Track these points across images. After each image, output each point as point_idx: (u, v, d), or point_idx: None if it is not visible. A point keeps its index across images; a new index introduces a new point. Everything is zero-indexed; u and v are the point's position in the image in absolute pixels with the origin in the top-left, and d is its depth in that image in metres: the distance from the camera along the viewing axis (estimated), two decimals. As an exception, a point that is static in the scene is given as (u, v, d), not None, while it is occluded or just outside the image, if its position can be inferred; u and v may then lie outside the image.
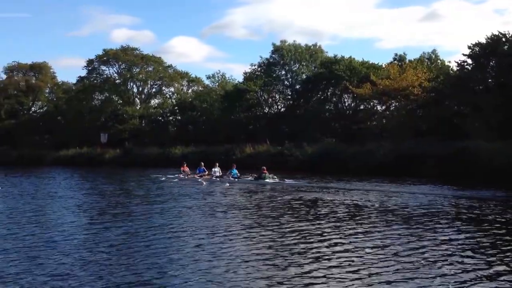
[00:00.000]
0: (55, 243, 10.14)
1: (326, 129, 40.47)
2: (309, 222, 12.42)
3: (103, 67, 62.03)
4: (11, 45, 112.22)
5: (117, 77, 61.75)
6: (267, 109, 49.58)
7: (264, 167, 24.96)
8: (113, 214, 14.14)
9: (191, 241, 10.24)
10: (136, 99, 62.11)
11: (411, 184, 22.53)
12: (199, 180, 25.75)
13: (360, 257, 8.68)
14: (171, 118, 58.00)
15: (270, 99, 49.74)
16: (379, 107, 40.78)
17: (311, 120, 41.61)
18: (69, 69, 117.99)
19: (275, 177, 24.23)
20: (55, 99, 69.21)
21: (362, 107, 42.22)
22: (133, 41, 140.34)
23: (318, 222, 12.47)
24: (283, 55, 47.48)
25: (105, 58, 60.78)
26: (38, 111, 71.14)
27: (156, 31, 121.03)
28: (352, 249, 9.28)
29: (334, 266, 8.07)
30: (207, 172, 27.66)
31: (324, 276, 7.51)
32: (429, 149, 27.89)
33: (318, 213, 14.08)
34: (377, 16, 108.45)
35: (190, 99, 56.98)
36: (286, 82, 49.00)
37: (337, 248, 9.38)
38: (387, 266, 7.97)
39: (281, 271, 7.88)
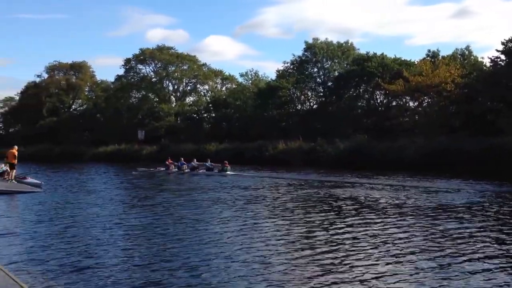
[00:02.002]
0: (94, 230, 11.02)
1: (358, 126, 40.62)
2: (342, 219, 12.84)
3: (140, 66, 63.90)
4: (53, 45, 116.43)
5: (153, 76, 63.38)
6: (299, 106, 50.13)
7: (226, 161, 29.25)
8: (142, 206, 15.17)
9: (218, 230, 10.85)
10: (172, 97, 63.59)
11: (445, 180, 22.51)
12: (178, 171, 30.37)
13: (390, 251, 8.82)
14: (205, 115, 58.98)
15: (302, 96, 50.23)
16: (411, 104, 40.62)
17: (343, 117, 41.89)
18: (107, 68, 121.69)
19: (231, 171, 28.35)
20: (94, 97, 71.40)
21: (394, 103, 42.13)
22: (168, 41, 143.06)
23: (351, 218, 12.79)
24: (316, 52, 47.89)
25: (141, 57, 62.52)
26: (78, 109, 73.61)
27: (191, 31, 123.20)
28: (384, 244, 9.44)
29: (372, 264, 8.05)
30: (185, 165, 31.08)
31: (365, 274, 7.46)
32: (461, 146, 27.83)
33: (352, 209, 14.29)
34: (408, 14, 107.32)
35: (224, 97, 57.93)
36: (318, 79, 49.39)
37: (374, 245, 9.48)
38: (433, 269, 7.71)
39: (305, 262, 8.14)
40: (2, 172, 23.99)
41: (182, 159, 31.86)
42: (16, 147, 23.04)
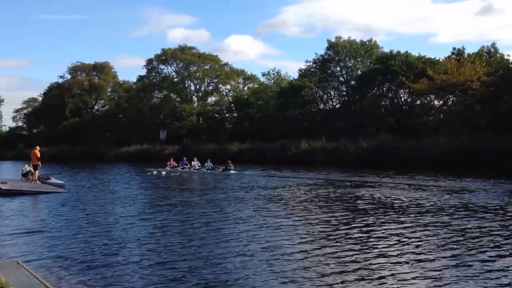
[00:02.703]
0: (117, 229, 11.15)
1: (381, 125, 39.97)
2: (365, 218, 12.56)
3: (162, 66, 64.12)
4: (75, 46, 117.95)
5: (175, 76, 63.55)
6: (322, 106, 49.59)
7: (229, 161, 30.75)
8: (163, 205, 15.30)
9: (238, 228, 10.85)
10: (194, 96, 63.69)
11: (470, 179, 22.02)
12: (182, 171, 31.73)
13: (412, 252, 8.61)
14: (227, 115, 59.03)
15: (325, 96, 49.72)
16: (436, 102, 39.86)
17: (366, 116, 41.33)
18: (129, 68, 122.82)
19: (234, 170, 29.84)
20: (116, 97, 71.98)
21: (418, 102, 41.40)
22: (189, 41, 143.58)
23: (373, 218, 12.52)
24: (338, 51, 47.29)
25: (163, 57, 62.73)
26: (100, 109, 74.34)
27: (212, 30, 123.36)
28: (407, 244, 9.27)
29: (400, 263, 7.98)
30: (188, 165, 32.79)
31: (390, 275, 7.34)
32: (486, 145, 27.24)
33: (374, 208, 14.03)
34: (432, 11, 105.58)
35: (246, 96, 57.84)
36: (341, 78, 48.80)
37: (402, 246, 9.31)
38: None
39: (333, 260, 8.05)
40: (26, 172, 24.27)
41: (185, 158, 33.70)
42: (38, 147, 23.26)
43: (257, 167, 34.56)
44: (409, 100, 42.39)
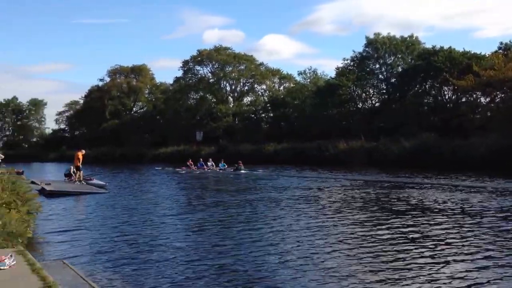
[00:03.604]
0: (157, 228, 11.34)
1: (424, 124, 38.68)
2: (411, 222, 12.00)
3: (198, 67, 64.41)
4: (114, 49, 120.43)
5: (211, 77, 63.68)
6: (360, 104, 48.48)
7: (240, 161, 33.03)
8: (198, 205, 15.54)
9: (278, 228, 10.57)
10: (229, 97, 63.62)
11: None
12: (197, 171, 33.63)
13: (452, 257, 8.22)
14: (263, 115, 58.71)
15: (363, 94, 48.65)
16: (482, 99, 38.33)
17: (408, 115, 40.09)
18: (166, 70, 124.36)
19: (245, 169, 32.08)
20: (153, 99, 72.84)
21: (463, 99, 39.89)
22: (224, 41, 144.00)
23: (413, 219, 12.07)
24: (377, 48, 46.12)
25: (199, 59, 62.99)
26: (138, 111, 75.35)
27: (246, 30, 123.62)
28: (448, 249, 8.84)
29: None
30: (205, 166, 35.13)
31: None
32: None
33: (413, 210, 13.51)
34: (476, 5, 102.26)
35: (282, 96, 57.35)
36: (380, 75, 47.66)
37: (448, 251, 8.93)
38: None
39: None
40: (68, 173, 24.57)
41: (201, 159, 36.74)
42: (83, 150, 23.67)
43: (291, 167, 34.47)
44: (453, 97, 40.90)
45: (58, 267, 6.89)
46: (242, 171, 31.70)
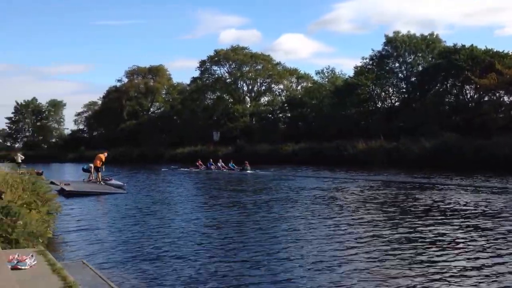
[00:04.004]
0: (175, 228, 11.38)
1: (445, 123, 37.98)
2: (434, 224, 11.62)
3: (215, 67, 64.37)
4: (132, 50, 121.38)
5: (227, 77, 63.60)
6: (380, 104, 47.94)
7: (246, 162, 33.82)
8: (215, 204, 15.62)
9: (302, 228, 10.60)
10: (246, 97, 63.47)
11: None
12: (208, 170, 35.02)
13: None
14: (280, 115, 58.42)
15: (383, 93, 48.07)
16: (505, 98, 37.57)
17: (428, 114, 39.43)
18: (183, 70, 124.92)
19: (250, 169, 32.95)
20: (170, 99, 73.04)
21: (486, 98, 39.11)
22: (241, 41, 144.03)
23: (432, 221, 11.77)
24: (397, 46, 45.52)
25: (216, 59, 62.91)
26: (156, 111, 75.63)
27: (263, 30, 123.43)
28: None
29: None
30: (214, 165, 35.92)
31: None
32: None
33: (432, 211, 13.21)
34: (498, 2, 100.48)
35: (299, 96, 57.02)
36: (400, 74, 47.09)
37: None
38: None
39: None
40: (87, 169, 24.60)
41: (211, 159, 37.32)
42: (106, 153, 23.85)
43: (308, 168, 34.23)
44: (475, 96, 40.17)
45: (78, 267, 6.93)
46: (248, 171, 32.46)
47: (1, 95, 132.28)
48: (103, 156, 23.20)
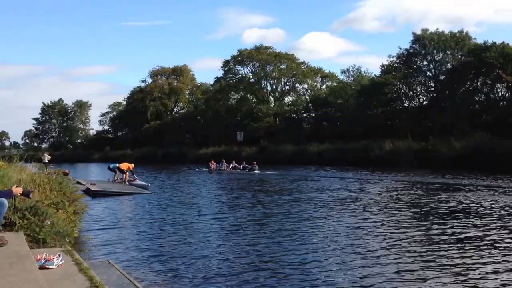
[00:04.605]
0: (197, 229, 11.28)
1: (476, 122, 37.00)
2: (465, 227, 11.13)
3: (238, 67, 64.26)
4: (156, 51, 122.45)
5: (251, 76, 63.36)
6: (407, 103, 47.11)
7: (255, 162, 34.71)
8: (238, 205, 15.47)
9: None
10: (270, 97, 63.16)
11: None
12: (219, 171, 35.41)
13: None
14: (305, 115, 57.89)
15: (410, 92, 47.21)
16: (539, 97, 36.37)
17: (458, 113, 38.48)
18: (206, 70, 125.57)
19: (259, 170, 33.51)
20: (194, 100, 73.27)
21: (519, 97, 38.01)
22: (265, 40, 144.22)
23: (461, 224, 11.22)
24: (425, 44, 44.67)
25: (239, 58, 62.79)
26: (180, 112, 75.97)
27: (287, 29, 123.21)
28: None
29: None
30: (224, 166, 36.22)
31: None
32: None
33: (463, 214, 12.59)
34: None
35: (324, 95, 56.41)
36: (428, 73, 46.23)
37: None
38: None
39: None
40: (113, 168, 24.67)
41: (224, 160, 37.38)
42: (133, 164, 23.97)
43: (334, 168, 33.82)
44: (507, 95, 39.09)
45: (103, 267, 6.98)
46: (256, 172, 32.88)
47: (29, 96, 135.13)
48: (131, 166, 23.59)
